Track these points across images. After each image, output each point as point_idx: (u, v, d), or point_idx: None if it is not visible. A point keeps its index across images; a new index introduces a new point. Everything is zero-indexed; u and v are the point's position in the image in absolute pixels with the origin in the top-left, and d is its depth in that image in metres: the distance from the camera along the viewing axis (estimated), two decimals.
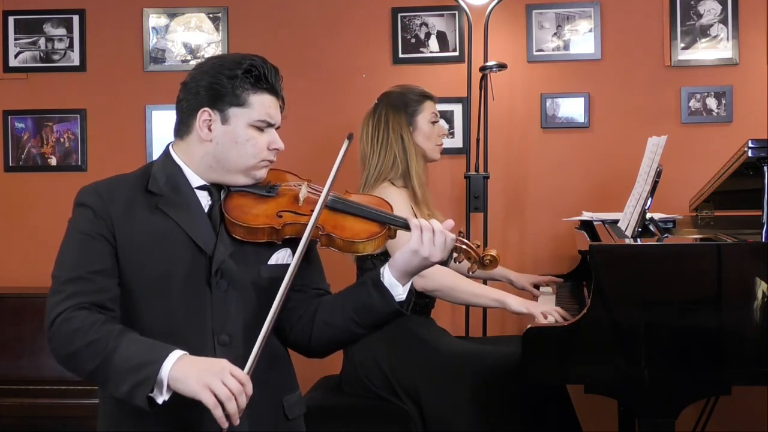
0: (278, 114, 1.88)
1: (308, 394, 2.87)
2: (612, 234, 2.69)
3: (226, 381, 1.58)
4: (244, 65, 1.83)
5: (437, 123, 2.95)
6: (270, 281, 1.83)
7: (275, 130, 1.89)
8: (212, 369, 1.60)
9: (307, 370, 3.30)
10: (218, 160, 1.84)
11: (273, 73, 1.87)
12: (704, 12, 3.71)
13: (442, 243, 1.78)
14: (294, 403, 1.93)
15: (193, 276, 1.80)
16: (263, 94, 1.84)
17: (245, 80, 1.82)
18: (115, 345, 1.64)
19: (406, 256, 1.79)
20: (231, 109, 1.82)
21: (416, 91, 2.94)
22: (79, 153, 3.94)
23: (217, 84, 1.82)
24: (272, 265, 1.85)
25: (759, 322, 2.18)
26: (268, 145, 1.85)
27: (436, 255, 1.78)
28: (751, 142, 2.25)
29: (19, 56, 3.97)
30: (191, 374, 1.59)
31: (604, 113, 3.77)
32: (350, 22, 3.88)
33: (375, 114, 2.89)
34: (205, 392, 1.57)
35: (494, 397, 2.63)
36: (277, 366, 1.89)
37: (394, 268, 1.81)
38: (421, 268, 1.81)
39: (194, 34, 3.91)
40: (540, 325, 2.39)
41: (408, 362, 2.70)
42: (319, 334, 1.86)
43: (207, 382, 1.58)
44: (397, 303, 1.80)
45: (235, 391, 1.58)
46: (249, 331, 1.80)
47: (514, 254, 3.81)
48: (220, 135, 1.83)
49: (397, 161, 2.82)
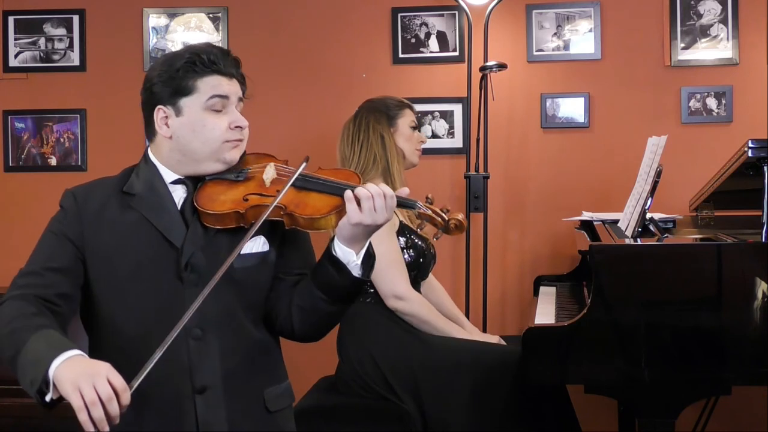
0: (231, 89, 1.86)
1: (308, 394, 2.87)
2: (612, 234, 2.69)
3: (97, 385, 1.52)
4: (186, 56, 1.85)
5: (416, 131, 3.00)
6: (244, 272, 1.81)
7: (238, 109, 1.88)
8: (87, 372, 1.54)
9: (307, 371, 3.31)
10: (183, 153, 1.85)
11: (219, 55, 1.87)
12: (704, 12, 3.71)
13: (383, 205, 1.73)
14: (277, 396, 1.89)
15: (164, 271, 1.79)
16: (210, 76, 1.84)
17: (189, 69, 1.83)
18: (27, 338, 1.64)
19: (350, 228, 1.75)
20: (182, 100, 1.83)
21: (396, 99, 3.02)
22: (79, 153, 3.94)
23: (164, 80, 1.84)
24: (245, 255, 1.82)
25: (759, 322, 2.19)
26: (228, 124, 1.84)
27: (382, 217, 1.74)
28: (751, 142, 2.25)
29: (19, 56, 3.97)
30: (69, 376, 1.54)
31: (604, 113, 3.77)
32: (350, 22, 3.88)
33: (356, 119, 2.95)
34: (74, 394, 1.52)
35: (494, 396, 2.63)
36: (257, 358, 1.86)
37: (343, 238, 1.77)
38: (371, 232, 1.77)
39: (194, 34, 3.91)
40: (540, 325, 2.39)
41: (407, 361, 2.70)
42: (299, 319, 1.84)
43: (78, 385, 1.52)
44: (352, 274, 1.76)
45: (104, 397, 1.51)
46: (222, 324, 1.80)
47: (514, 254, 3.81)
48: (178, 128, 1.84)
49: (378, 159, 2.86)
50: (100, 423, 1.51)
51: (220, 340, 1.79)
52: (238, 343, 1.82)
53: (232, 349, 1.81)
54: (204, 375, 1.78)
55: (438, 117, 3.82)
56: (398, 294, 2.75)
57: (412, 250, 2.82)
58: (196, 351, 1.78)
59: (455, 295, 3.73)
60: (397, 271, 2.76)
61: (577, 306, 2.77)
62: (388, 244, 2.74)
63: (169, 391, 1.77)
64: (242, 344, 1.82)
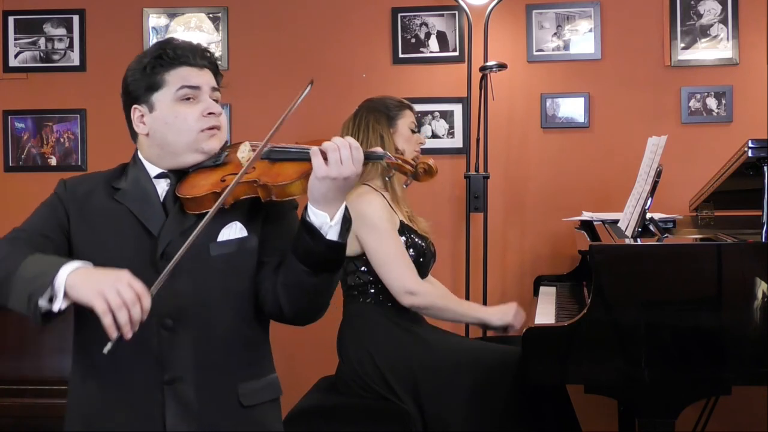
0: (201, 79, 1.86)
1: (308, 394, 2.87)
2: (612, 234, 2.69)
3: (120, 290, 1.54)
4: (153, 51, 1.86)
5: (416, 132, 2.99)
6: (221, 260, 1.80)
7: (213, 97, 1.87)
8: (109, 277, 1.57)
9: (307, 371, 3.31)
10: (161, 147, 1.86)
11: (186, 47, 1.87)
12: (704, 12, 3.71)
13: (349, 157, 1.67)
14: (255, 391, 1.85)
15: (140, 260, 1.78)
16: (178, 68, 1.85)
17: (156, 64, 1.84)
18: (21, 261, 1.66)
19: (318, 185, 1.69)
20: (153, 95, 1.84)
21: (397, 99, 3.00)
22: (79, 153, 3.94)
23: (136, 79, 1.86)
24: (222, 242, 1.80)
25: (759, 322, 2.18)
26: (201, 112, 1.84)
27: (348, 169, 1.67)
28: (751, 142, 2.25)
29: (19, 56, 3.97)
30: (87, 281, 1.57)
31: (604, 113, 3.77)
32: (350, 22, 3.88)
33: (355, 118, 2.95)
34: (97, 299, 1.54)
35: (494, 396, 2.63)
36: (235, 350, 1.83)
37: (314, 201, 1.71)
38: (343, 189, 1.70)
39: (194, 34, 3.91)
40: (540, 325, 2.39)
41: (407, 361, 2.70)
42: (286, 299, 1.79)
43: (101, 289, 1.55)
44: (326, 237, 1.70)
45: (129, 301, 1.54)
46: (196, 314, 1.77)
47: (514, 254, 3.81)
48: (152, 123, 1.85)
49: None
50: (125, 326, 1.55)
51: (194, 330, 1.77)
52: (212, 335, 1.79)
53: (205, 341, 1.78)
54: (174, 366, 1.76)
55: (438, 117, 3.83)
56: (410, 289, 2.75)
57: (412, 250, 2.82)
58: (168, 341, 1.76)
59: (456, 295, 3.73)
60: (404, 267, 2.76)
61: (577, 306, 2.77)
62: (391, 241, 2.75)
63: (138, 381, 1.76)
64: (217, 335, 1.79)
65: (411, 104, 3.03)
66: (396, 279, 2.74)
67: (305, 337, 3.82)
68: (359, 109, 2.97)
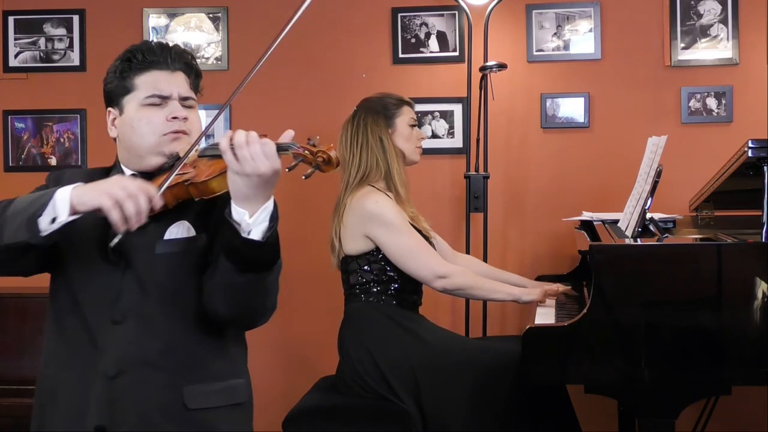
0: (172, 86, 1.86)
1: (308, 394, 2.87)
2: (612, 234, 2.69)
3: (125, 184, 1.61)
4: (124, 55, 1.87)
5: (415, 127, 3.00)
6: (166, 258, 1.79)
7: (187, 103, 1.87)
8: (113, 179, 1.66)
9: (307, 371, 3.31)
10: (128, 150, 1.87)
11: (157, 50, 1.87)
12: (704, 12, 3.71)
13: (260, 152, 1.60)
14: (203, 394, 1.81)
15: (98, 255, 1.80)
16: (149, 71, 1.86)
17: (127, 67, 1.86)
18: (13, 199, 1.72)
19: (234, 181, 1.64)
20: (124, 99, 1.86)
21: (394, 97, 3.01)
22: (78, 153, 3.94)
23: (109, 81, 1.89)
24: (168, 241, 1.79)
25: (759, 322, 2.18)
26: (166, 117, 1.84)
27: (262, 165, 1.60)
28: (751, 142, 2.25)
29: (19, 56, 3.97)
30: (92, 189, 1.63)
31: (604, 113, 3.77)
32: (350, 22, 3.88)
33: (354, 119, 2.95)
34: (103, 197, 1.60)
35: (494, 396, 2.63)
36: (183, 350, 1.80)
37: (234, 197, 1.66)
38: (260, 186, 1.62)
39: (194, 34, 3.91)
40: (540, 325, 2.39)
41: (407, 361, 2.70)
42: (220, 300, 1.75)
43: (106, 189, 1.61)
44: (240, 233, 1.64)
45: (134, 192, 1.60)
46: (143, 311, 1.77)
47: (514, 254, 3.81)
48: (121, 126, 1.87)
49: (379, 163, 2.86)
50: (131, 218, 1.60)
51: (140, 327, 1.77)
52: (156, 333, 1.78)
53: (150, 338, 1.78)
54: (119, 361, 1.76)
55: (438, 117, 3.83)
56: (440, 273, 2.80)
57: None
58: (114, 336, 1.76)
59: None
60: (428, 254, 2.82)
61: (577, 306, 2.77)
62: (409, 233, 2.79)
63: (87, 374, 1.77)
64: (162, 334, 1.78)
65: (409, 100, 3.03)
66: (424, 267, 2.79)
67: (305, 337, 3.83)
68: (357, 111, 2.97)
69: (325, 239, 2.97)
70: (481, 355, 2.72)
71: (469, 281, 2.86)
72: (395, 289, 2.82)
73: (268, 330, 4.19)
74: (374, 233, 2.78)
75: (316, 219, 3.63)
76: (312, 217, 3.77)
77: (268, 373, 3.79)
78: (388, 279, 2.81)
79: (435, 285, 2.82)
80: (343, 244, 2.84)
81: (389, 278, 2.81)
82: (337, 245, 2.86)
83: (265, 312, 1.81)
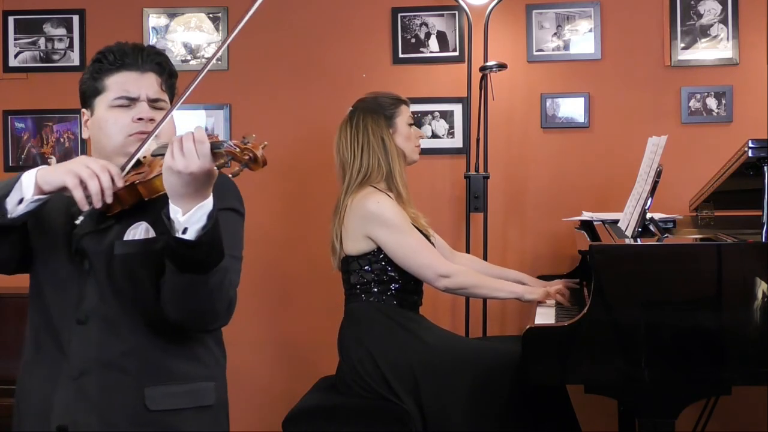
0: (141, 87, 1.86)
1: (308, 394, 2.87)
2: (612, 234, 2.69)
3: (88, 163, 1.66)
4: (95, 56, 1.90)
5: (414, 126, 3.01)
6: (124, 259, 1.77)
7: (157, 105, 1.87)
8: (75, 159, 1.69)
9: (307, 371, 3.31)
10: (98, 150, 1.88)
11: (128, 51, 1.88)
12: (704, 12, 3.71)
13: (192, 149, 1.58)
14: (165, 395, 1.80)
15: (65, 254, 1.82)
16: (119, 72, 1.87)
17: (98, 69, 1.88)
18: None
19: (166, 177, 1.62)
20: (95, 100, 1.88)
21: (391, 96, 3.00)
22: (78, 153, 3.94)
23: (82, 84, 1.91)
24: (127, 242, 1.78)
25: (759, 322, 2.18)
26: (132, 118, 1.84)
27: (194, 163, 1.57)
28: (751, 142, 2.25)
29: (19, 56, 3.97)
30: (56, 169, 1.67)
31: (604, 113, 3.77)
32: (350, 22, 3.88)
33: (352, 120, 2.92)
34: (68, 176, 1.65)
35: (494, 396, 2.63)
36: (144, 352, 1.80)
37: (170, 196, 1.64)
38: (192, 184, 1.60)
39: (194, 34, 3.91)
40: (540, 325, 2.39)
41: (407, 361, 2.70)
42: (166, 301, 1.74)
43: (69, 168, 1.66)
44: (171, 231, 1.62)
45: (97, 170, 1.64)
46: (104, 312, 1.78)
47: (514, 254, 3.81)
48: (91, 126, 1.89)
49: (381, 164, 2.85)
50: (95, 196, 1.64)
51: (101, 327, 1.77)
52: (117, 333, 1.78)
53: (111, 339, 1.78)
54: (81, 361, 1.76)
55: (438, 117, 3.83)
56: (443, 273, 2.80)
57: None
58: (77, 336, 1.78)
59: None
60: (431, 254, 2.82)
61: (577, 306, 2.77)
62: (410, 233, 2.80)
63: (51, 373, 1.79)
64: (122, 335, 1.78)
65: (405, 98, 3.02)
66: (427, 267, 2.79)
67: (305, 337, 3.83)
68: (355, 111, 2.94)
69: (325, 239, 2.97)
70: (481, 355, 2.72)
71: (472, 280, 2.87)
72: (396, 289, 2.82)
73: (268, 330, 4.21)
74: (376, 234, 2.78)
75: (317, 219, 3.63)
76: (312, 217, 3.77)
77: (268, 373, 3.79)
78: (388, 279, 2.81)
79: (438, 284, 2.82)
80: (344, 244, 2.84)
81: (390, 278, 2.81)
82: (337, 247, 2.86)
83: (217, 315, 1.77)
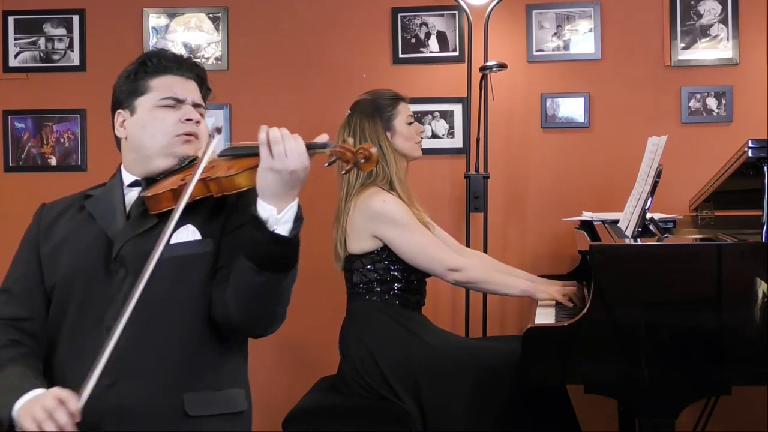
0: (186, 90, 1.90)
1: (308, 394, 2.87)
2: (612, 234, 2.69)
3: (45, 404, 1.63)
4: (139, 59, 1.92)
5: (413, 123, 2.97)
6: (171, 263, 1.76)
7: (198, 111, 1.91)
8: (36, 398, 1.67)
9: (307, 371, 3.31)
10: (137, 151, 1.88)
11: (171, 58, 1.92)
12: (704, 12, 3.71)
13: (294, 149, 1.65)
14: (202, 402, 1.81)
15: (96, 264, 1.82)
16: (164, 75, 1.89)
17: (141, 71, 1.89)
18: None
19: (263, 177, 1.66)
20: (137, 100, 1.89)
21: (388, 95, 2.95)
22: (79, 153, 3.94)
23: (121, 84, 1.92)
24: (173, 245, 1.76)
25: (759, 322, 2.18)
26: (179, 118, 1.86)
27: (292, 162, 1.64)
28: (751, 142, 2.25)
29: (19, 56, 3.97)
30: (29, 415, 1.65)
31: (604, 113, 3.77)
32: (350, 22, 3.88)
33: (350, 125, 2.90)
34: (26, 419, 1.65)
35: (494, 396, 2.63)
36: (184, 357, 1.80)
37: (262, 194, 1.67)
38: (289, 183, 1.65)
39: (194, 34, 3.91)
40: (540, 325, 2.39)
41: (408, 361, 2.70)
42: (234, 302, 1.74)
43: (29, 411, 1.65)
44: (268, 228, 1.65)
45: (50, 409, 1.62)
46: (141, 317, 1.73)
47: (514, 254, 3.81)
48: (131, 126, 1.89)
49: (378, 171, 2.83)
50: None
51: (136, 333, 1.72)
52: (154, 339, 1.78)
53: (146, 345, 1.77)
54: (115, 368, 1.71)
55: (438, 117, 3.83)
56: (453, 267, 2.81)
57: None
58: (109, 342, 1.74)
59: (456, 295, 3.73)
60: (439, 248, 2.83)
61: (577, 306, 2.77)
62: (418, 230, 2.80)
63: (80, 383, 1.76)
64: (163, 340, 1.77)
65: (403, 95, 2.98)
66: (437, 262, 2.80)
67: (306, 336, 3.83)
68: (352, 114, 2.91)
69: (326, 238, 2.96)
70: (481, 355, 2.72)
71: (482, 275, 2.87)
72: (398, 289, 2.82)
73: None
74: (383, 232, 2.77)
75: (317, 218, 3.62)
76: (313, 216, 3.74)
77: (268, 373, 3.79)
78: (391, 279, 2.81)
79: (448, 278, 2.82)
80: (348, 243, 2.83)
81: (393, 278, 2.81)
82: (341, 253, 2.86)
83: (275, 319, 1.81)
